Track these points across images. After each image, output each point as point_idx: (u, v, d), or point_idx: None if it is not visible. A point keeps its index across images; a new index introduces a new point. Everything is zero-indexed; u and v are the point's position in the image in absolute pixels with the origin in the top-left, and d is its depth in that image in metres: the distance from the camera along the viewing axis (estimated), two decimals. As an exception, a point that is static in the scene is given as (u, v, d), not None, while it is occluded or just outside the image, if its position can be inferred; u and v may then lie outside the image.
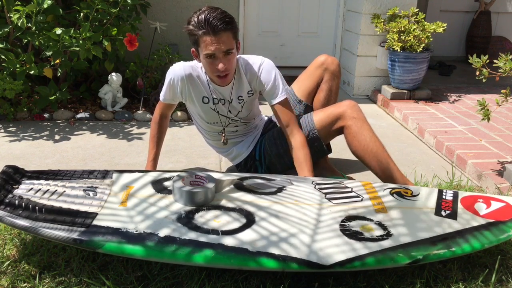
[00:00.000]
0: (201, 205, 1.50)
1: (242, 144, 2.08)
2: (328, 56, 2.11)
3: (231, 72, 1.80)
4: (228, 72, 1.76)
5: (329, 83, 2.11)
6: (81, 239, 1.31)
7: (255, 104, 2.06)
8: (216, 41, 1.66)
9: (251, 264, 1.29)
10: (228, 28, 1.67)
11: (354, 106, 1.94)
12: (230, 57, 1.74)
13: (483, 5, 4.72)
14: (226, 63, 1.72)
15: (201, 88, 1.89)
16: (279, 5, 4.07)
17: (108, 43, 2.87)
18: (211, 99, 1.91)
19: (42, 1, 2.62)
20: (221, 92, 1.90)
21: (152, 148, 2.04)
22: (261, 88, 1.91)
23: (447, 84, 4.01)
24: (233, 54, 1.74)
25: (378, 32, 3.39)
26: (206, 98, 1.91)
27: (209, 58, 1.71)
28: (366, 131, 1.90)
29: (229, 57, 1.73)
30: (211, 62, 1.72)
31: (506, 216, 1.52)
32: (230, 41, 1.70)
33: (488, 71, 2.11)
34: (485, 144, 2.55)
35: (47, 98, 2.85)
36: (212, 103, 1.92)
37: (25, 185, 1.54)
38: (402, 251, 1.34)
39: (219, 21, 1.65)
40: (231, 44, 1.70)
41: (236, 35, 1.75)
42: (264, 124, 2.16)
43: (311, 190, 1.66)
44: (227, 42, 1.68)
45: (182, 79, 1.86)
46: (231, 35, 1.70)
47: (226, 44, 1.68)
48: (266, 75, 1.88)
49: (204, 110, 1.94)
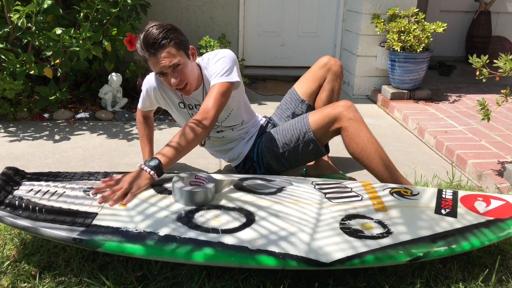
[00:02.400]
0: (201, 205, 1.50)
1: (236, 148, 2.08)
2: (331, 57, 2.15)
3: (190, 81, 1.78)
4: (184, 83, 1.76)
5: (332, 84, 2.13)
6: (81, 238, 1.31)
7: (239, 106, 2.01)
8: (157, 61, 1.68)
9: (250, 262, 1.29)
10: (164, 45, 1.66)
11: (351, 106, 1.93)
12: (180, 69, 1.73)
13: (483, 5, 4.73)
14: (179, 76, 1.73)
15: (175, 95, 1.93)
16: (279, 5, 4.08)
17: (108, 43, 2.87)
18: (186, 105, 1.95)
19: (42, 1, 2.62)
20: (194, 98, 1.93)
21: (145, 146, 2.13)
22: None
23: (447, 84, 4.01)
24: (182, 66, 1.73)
25: (378, 32, 3.39)
26: (182, 104, 1.95)
27: (161, 76, 1.75)
28: (363, 132, 1.89)
29: (178, 69, 1.72)
30: (164, 79, 1.77)
31: (505, 214, 1.52)
32: (173, 56, 1.69)
33: (488, 71, 2.11)
34: (485, 144, 2.56)
35: (47, 98, 2.85)
36: (188, 109, 1.96)
37: (25, 186, 1.54)
38: (402, 249, 1.34)
39: (154, 40, 1.65)
40: (175, 57, 1.69)
41: (181, 45, 1.72)
42: (260, 126, 2.16)
43: (311, 190, 1.66)
44: (169, 58, 1.68)
45: (155, 89, 1.92)
46: (172, 49, 1.68)
47: (168, 59, 1.68)
48: (214, 59, 1.83)
49: (182, 115, 1.99)
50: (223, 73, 1.77)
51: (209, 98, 1.73)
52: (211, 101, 1.72)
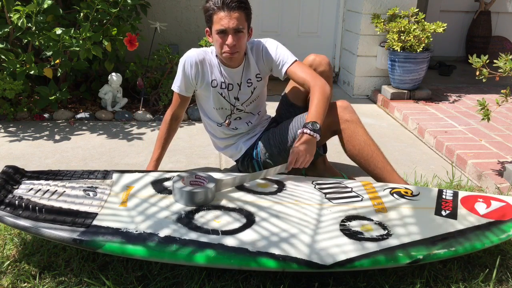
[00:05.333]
0: (201, 205, 1.50)
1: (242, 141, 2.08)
2: (317, 56, 2.00)
3: (240, 52, 1.85)
4: (237, 50, 1.81)
5: None
6: (81, 239, 1.31)
7: (262, 96, 2.08)
8: (228, 17, 1.75)
9: (251, 264, 1.29)
10: (241, 7, 1.76)
11: (347, 107, 1.92)
12: (240, 36, 1.80)
13: (483, 5, 4.73)
14: (236, 41, 1.78)
15: (212, 71, 1.94)
16: (279, 5, 4.07)
17: (108, 43, 2.87)
18: (219, 83, 1.94)
19: (42, 1, 2.62)
20: (231, 76, 1.93)
21: (158, 149, 2.05)
22: (268, 65, 1.95)
23: (447, 84, 4.01)
24: (243, 34, 1.80)
25: (378, 32, 3.39)
26: (215, 82, 1.95)
27: (220, 33, 1.78)
28: (360, 134, 1.88)
29: (239, 35, 1.79)
30: (222, 37, 1.79)
31: (506, 216, 1.52)
32: (242, 21, 1.78)
33: (488, 71, 2.11)
34: (485, 144, 2.55)
35: (47, 98, 2.85)
36: (219, 87, 1.95)
37: (25, 185, 1.54)
38: (402, 251, 1.34)
39: (233, 0, 1.74)
40: (242, 23, 1.78)
41: (249, 18, 1.82)
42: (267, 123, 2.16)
43: (311, 190, 1.66)
44: (238, 20, 1.76)
45: (196, 63, 1.91)
46: (243, 15, 1.78)
47: (237, 21, 1.76)
48: (269, 49, 1.94)
49: (210, 94, 1.97)
50: (290, 55, 1.93)
51: (307, 75, 1.86)
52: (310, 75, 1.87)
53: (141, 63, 3.28)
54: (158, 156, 2.04)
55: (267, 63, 1.95)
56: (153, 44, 3.41)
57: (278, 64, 1.92)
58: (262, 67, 1.96)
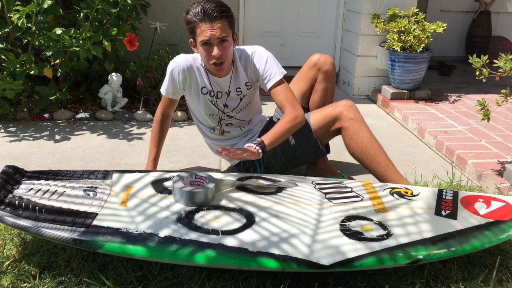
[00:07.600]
0: (201, 205, 1.50)
1: (238, 145, 2.08)
2: (321, 55, 2.05)
3: (227, 62, 1.82)
4: (223, 60, 1.78)
5: (323, 84, 2.06)
6: (81, 239, 1.31)
7: (254, 104, 2.05)
8: (211, 27, 1.71)
9: (251, 264, 1.29)
10: (223, 16, 1.72)
11: (351, 106, 1.92)
12: (226, 45, 1.76)
13: (483, 5, 4.73)
14: (221, 51, 1.75)
15: (200, 79, 1.92)
16: (279, 5, 4.07)
17: (108, 43, 2.87)
18: (208, 91, 1.93)
19: (42, 1, 2.62)
20: (220, 84, 1.92)
21: (153, 148, 2.05)
22: (256, 75, 1.92)
23: (447, 84, 4.01)
24: (228, 43, 1.77)
25: (378, 32, 3.39)
26: (205, 89, 1.93)
27: (205, 45, 1.75)
28: (363, 132, 1.89)
29: (224, 44, 1.75)
30: (207, 49, 1.76)
31: (506, 216, 1.52)
32: (225, 29, 1.74)
33: (488, 71, 2.11)
34: (485, 144, 2.55)
35: (47, 98, 2.85)
36: (209, 95, 1.94)
37: (25, 185, 1.54)
38: (402, 251, 1.34)
39: (214, 9, 1.70)
40: (226, 31, 1.74)
41: (232, 25, 1.78)
42: (264, 124, 2.16)
43: (311, 190, 1.66)
44: (222, 30, 1.72)
45: (183, 70, 1.90)
46: (226, 24, 1.74)
47: (220, 31, 1.72)
48: (258, 59, 1.91)
49: (201, 101, 1.96)
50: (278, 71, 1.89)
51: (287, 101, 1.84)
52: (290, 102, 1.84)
53: (141, 63, 3.28)
54: (155, 155, 2.05)
55: (255, 73, 1.92)
56: (153, 44, 3.41)
57: (264, 78, 1.89)
58: (251, 75, 1.94)
